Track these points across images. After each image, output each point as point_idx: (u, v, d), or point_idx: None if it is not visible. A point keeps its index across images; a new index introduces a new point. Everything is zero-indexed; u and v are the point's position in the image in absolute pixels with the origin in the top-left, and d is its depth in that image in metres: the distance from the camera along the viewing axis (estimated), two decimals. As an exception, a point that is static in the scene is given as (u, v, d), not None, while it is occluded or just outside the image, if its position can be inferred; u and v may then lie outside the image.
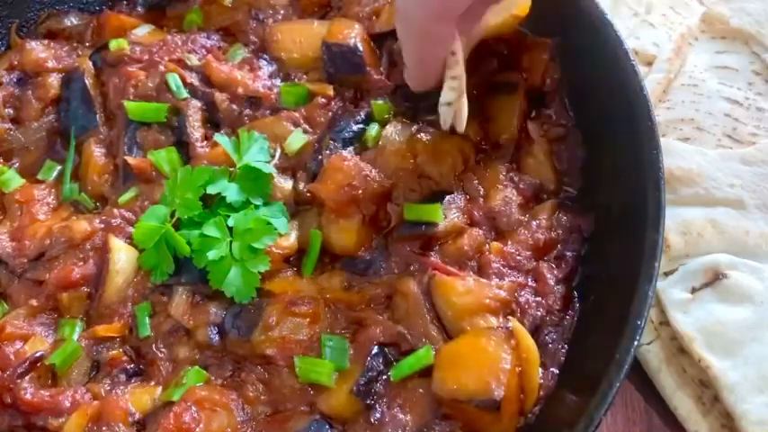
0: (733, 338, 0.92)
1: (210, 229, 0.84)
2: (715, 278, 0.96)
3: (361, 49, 0.94)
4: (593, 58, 0.90)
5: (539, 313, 0.83)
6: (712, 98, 1.09)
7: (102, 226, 0.90)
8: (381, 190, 0.86)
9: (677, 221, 1.00)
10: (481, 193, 0.89)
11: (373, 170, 0.86)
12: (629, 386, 0.96)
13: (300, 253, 0.87)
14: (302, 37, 0.98)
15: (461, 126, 0.82)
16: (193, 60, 0.98)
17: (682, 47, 1.13)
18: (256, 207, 0.87)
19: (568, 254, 0.87)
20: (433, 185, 0.87)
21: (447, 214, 0.86)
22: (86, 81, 0.99)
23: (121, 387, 0.83)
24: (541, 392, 0.80)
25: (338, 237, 0.86)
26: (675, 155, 1.03)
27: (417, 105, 0.92)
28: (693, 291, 0.96)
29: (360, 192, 0.84)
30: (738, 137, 1.07)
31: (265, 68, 0.99)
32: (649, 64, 1.13)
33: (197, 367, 0.83)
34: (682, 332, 0.93)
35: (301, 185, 0.88)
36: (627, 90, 0.84)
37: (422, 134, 0.89)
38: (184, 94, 0.95)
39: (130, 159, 0.93)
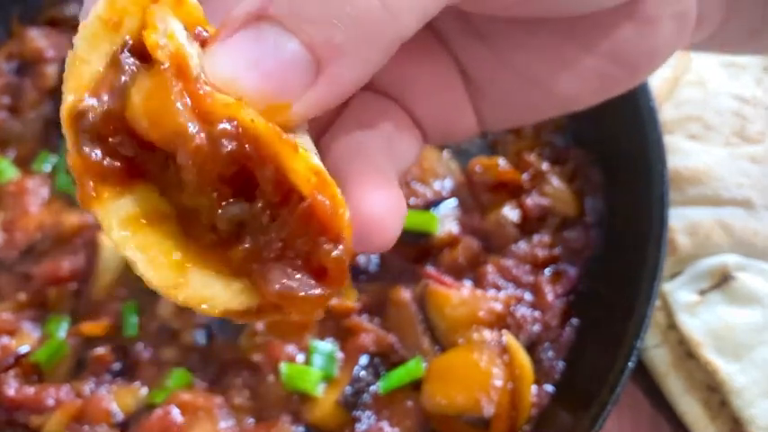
0: (741, 342, 0.89)
1: (202, 228, 0.82)
2: (723, 280, 0.93)
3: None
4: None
5: (535, 328, 0.81)
6: (720, 96, 1.06)
7: (93, 221, 0.89)
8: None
9: (685, 222, 0.97)
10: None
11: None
12: (637, 390, 0.93)
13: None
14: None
15: None
16: (193, 53, 0.97)
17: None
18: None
19: (571, 270, 0.85)
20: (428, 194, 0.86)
21: (444, 222, 0.84)
22: (85, 72, 0.98)
23: (106, 386, 0.81)
24: (534, 410, 0.77)
25: None
26: (683, 154, 1.00)
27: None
28: (701, 293, 0.93)
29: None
30: (747, 135, 1.04)
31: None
32: (656, 59, 1.11)
33: (183, 369, 0.81)
34: (689, 335, 0.91)
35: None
36: (634, 104, 0.82)
37: None
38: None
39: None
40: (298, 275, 0.35)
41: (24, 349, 0.83)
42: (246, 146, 0.35)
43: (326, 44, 0.37)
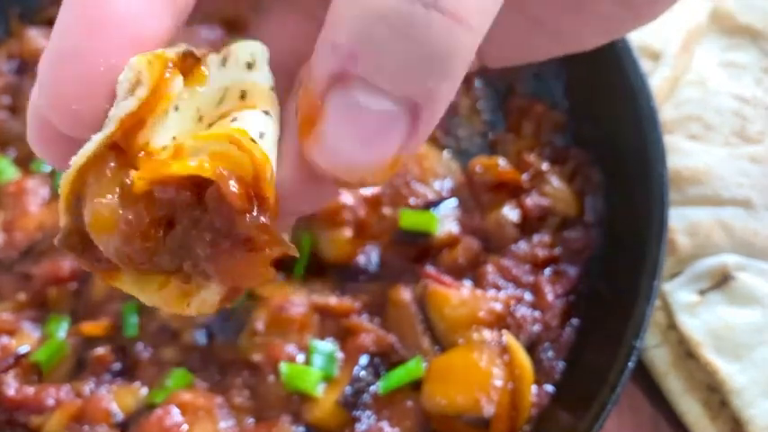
0: (741, 342, 0.89)
1: (202, 228, 0.82)
2: (723, 280, 0.93)
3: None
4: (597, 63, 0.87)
5: (535, 328, 0.81)
6: (720, 96, 1.06)
7: (94, 220, 0.88)
8: (371, 195, 0.84)
9: (685, 222, 0.97)
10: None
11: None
12: (636, 390, 0.93)
13: (292, 256, 0.85)
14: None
15: None
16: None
17: (689, 43, 1.10)
18: (250, 208, 0.85)
19: (571, 270, 0.85)
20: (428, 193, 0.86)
21: (444, 222, 0.84)
22: (84, 72, 0.98)
23: (106, 386, 0.81)
24: (534, 410, 0.77)
25: (328, 247, 0.84)
26: (683, 154, 1.00)
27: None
28: (701, 293, 0.93)
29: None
30: (747, 135, 1.04)
31: (266, 64, 0.97)
32: (656, 59, 1.10)
33: (183, 369, 0.81)
34: (689, 335, 0.91)
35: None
36: (634, 103, 0.82)
37: None
38: (180, 89, 0.93)
39: (124, 154, 0.91)
40: (231, 256, 0.38)
41: (24, 349, 0.83)
42: (154, 210, 0.38)
43: (421, 92, 0.35)
